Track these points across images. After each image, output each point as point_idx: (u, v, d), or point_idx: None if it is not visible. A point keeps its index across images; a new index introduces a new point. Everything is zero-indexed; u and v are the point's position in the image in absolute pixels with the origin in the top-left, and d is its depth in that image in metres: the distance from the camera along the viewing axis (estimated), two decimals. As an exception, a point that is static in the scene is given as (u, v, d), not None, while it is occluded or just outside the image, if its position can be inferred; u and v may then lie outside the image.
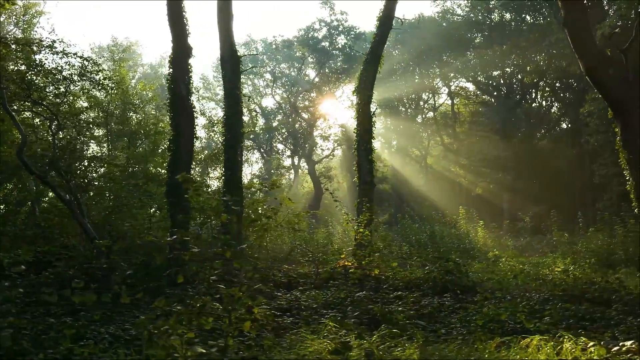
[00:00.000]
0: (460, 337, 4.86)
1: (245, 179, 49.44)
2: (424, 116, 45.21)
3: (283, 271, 10.32)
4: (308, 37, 36.33)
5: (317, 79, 39.62)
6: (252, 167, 48.54)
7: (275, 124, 46.25)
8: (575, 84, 32.99)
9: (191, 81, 10.18)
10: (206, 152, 22.87)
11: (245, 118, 47.37)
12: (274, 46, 40.54)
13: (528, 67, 35.72)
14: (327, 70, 37.90)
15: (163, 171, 15.29)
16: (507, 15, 34.02)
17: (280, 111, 41.69)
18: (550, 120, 38.07)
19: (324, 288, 9.20)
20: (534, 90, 37.55)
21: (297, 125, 44.08)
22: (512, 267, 12.74)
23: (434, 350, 3.95)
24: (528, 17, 34.98)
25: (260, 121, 47.07)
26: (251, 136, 46.83)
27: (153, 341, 3.24)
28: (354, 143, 12.37)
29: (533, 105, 38.30)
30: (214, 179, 20.38)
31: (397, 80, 40.10)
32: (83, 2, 64.10)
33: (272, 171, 46.86)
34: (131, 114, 17.18)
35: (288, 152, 45.91)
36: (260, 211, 13.28)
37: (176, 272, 4.28)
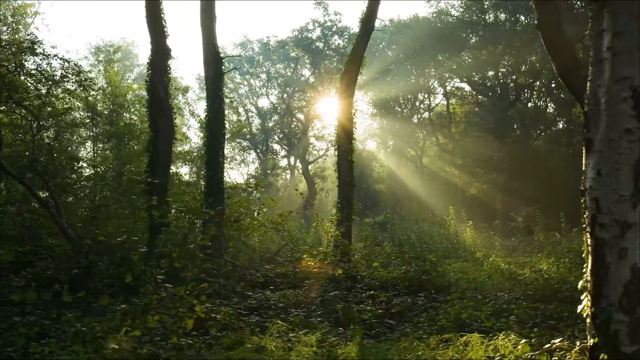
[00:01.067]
0: (405, 335, 4.94)
1: (242, 179, 49.55)
2: (419, 116, 45.27)
3: (261, 271, 10.40)
4: (302, 37, 36.39)
5: (312, 79, 39.67)
6: (248, 168, 48.62)
7: (271, 124, 46.33)
8: (568, 85, 33.03)
9: (170, 83, 10.27)
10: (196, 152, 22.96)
11: (242, 118, 47.52)
12: (269, 47, 40.58)
13: (522, 68, 35.79)
14: (322, 71, 37.95)
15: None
16: (502, 16, 34.03)
17: (277, 111, 41.72)
18: (546, 120, 38.11)
19: (300, 287, 9.28)
20: (528, 91, 37.60)
21: (293, 125, 44.20)
22: (494, 267, 12.81)
23: (372, 348, 4.03)
24: (522, 17, 35.04)
25: (256, 121, 47.20)
26: (247, 136, 46.97)
27: (79, 337, 3.33)
28: (334, 143, 12.44)
29: (529, 105, 38.37)
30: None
31: (393, 81, 40.16)
32: (80, 2, 64.18)
33: (269, 171, 46.93)
34: (123, 113, 17.26)
35: (283, 153, 45.92)
36: (243, 211, 13.46)
37: (125, 272, 4.37)
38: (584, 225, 3.45)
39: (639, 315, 3.20)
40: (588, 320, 3.43)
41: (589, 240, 3.42)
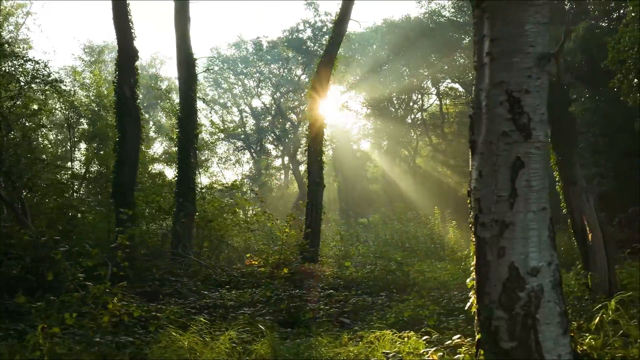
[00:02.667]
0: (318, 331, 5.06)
1: (237, 179, 49.61)
2: (413, 117, 45.37)
3: (227, 270, 10.50)
4: (293, 38, 36.50)
5: (306, 79, 39.77)
6: (243, 168, 48.74)
7: (266, 124, 46.41)
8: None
9: (137, 84, 10.38)
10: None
11: (236, 118, 47.50)
12: (262, 47, 40.69)
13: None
14: (314, 71, 37.98)
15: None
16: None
17: (269, 112, 41.82)
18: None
19: (262, 286, 9.38)
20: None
21: (288, 125, 44.31)
22: (468, 266, 12.90)
23: (281, 344, 4.13)
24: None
25: (251, 122, 47.30)
26: (242, 136, 47.10)
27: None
28: (309, 144, 12.53)
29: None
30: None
31: (386, 81, 40.25)
32: (75, 2, 64.32)
33: (263, 172, 47.05)
34: (104, 114, 17.36)
35: (276, 153, 45.99)
36: (217, 212, 13.57)
37: (47, 269, 4.47)
38: (470, 225, 3.55)
39: (517, 312, 3.30)
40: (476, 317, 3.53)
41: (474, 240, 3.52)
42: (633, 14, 15.24)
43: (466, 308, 3.58)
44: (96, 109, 17.45)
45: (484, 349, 3.42)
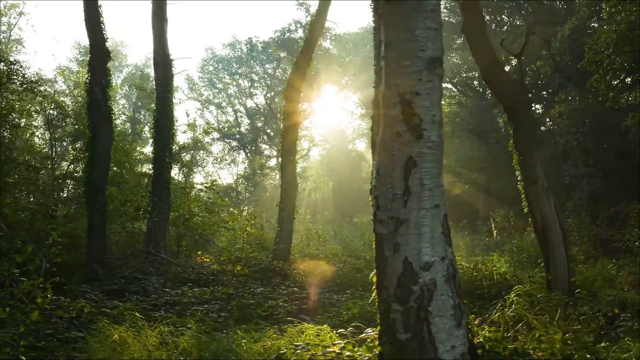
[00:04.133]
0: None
1: (231, 179, 49.80)
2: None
3: (197, 269, 10.65)
4: (285, 38, 36.66)
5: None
6: (238, 167, 48.90)
7: (260, 124, 46.59)
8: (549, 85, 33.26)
9: (109, 85, 10.53)
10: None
11: (230, 118, 47.61)
12: (256, 47, 40.84)
13: (506, 68, 35.98)
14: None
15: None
16: (486, 17, 34.21)
17: (260, 112, 41.95)
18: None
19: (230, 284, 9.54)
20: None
21: (281, 126, 44.55)
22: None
23: (205, 338, 4.28)
24: (505, 18, 35.20)
25: (245, 121, 47.48)
26: (237, 136, 47.28)
27: None
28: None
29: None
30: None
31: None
32: (70, 2, 64.44)
33: (258, 171, 47.16)
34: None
35: (269, 153, 46.13)
36: (194, 211, 13.72)
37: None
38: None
39: (411, 305, 3.44)
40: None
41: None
42: (610, 15, 15.38)
43: (369, 302, 3.72)
44: (78, 110, 17.64)
45: (383, 340, 3.57)
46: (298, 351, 3.70)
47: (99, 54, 10.28)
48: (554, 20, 27.76)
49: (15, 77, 11.07)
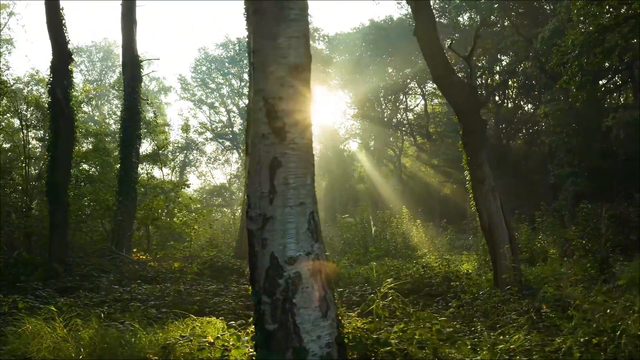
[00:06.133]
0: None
1: (225, 179, 49.91)
2: (400, 117, 45.66)
3: (156, 267, 10.86)
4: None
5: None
6: (231, 167, 49.14)
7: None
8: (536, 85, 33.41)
9: (71, 86, 10.76)
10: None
11: (223, 118, 47.79)
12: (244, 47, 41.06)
13: (495, 68, 36.20)
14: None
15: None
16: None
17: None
18: (521, 120, 38.47)
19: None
20: (501, 91, 37.94)
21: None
22: (413, 263, 13.23)
23: (105, 329, 4.50)
24: (493, 18, 35.31)
25: (239, 121, 47.69)
26: (229, 136, 47.51)
27: None
28: (246, 144, 12.87)
29: (503, 106, 38.71)
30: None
31: (372, 81, 40.56)
32: (65, 2, 64.73)
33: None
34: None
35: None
36: (160, 210, 13.94)
37: None
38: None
39: (278, 297, 3.65)
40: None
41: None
42: (578, 17, 15.55)
43: (250, 294, 3.93)
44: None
45: (255, 330, 3.79)
46: (180, 342, 3.92)
47: (60, 56, 10.50)
48: (539, 21, 27.93)
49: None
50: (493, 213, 9.26)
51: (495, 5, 31.19)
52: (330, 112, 44.44)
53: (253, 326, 4.40)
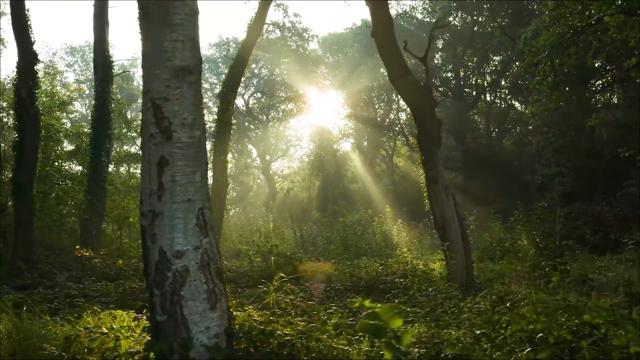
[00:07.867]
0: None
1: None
2: (392, 117, 45.80)
3: (119, 265, 11.01)
4: (261, 39, 36.99)
5: (277, 79, 40.23)
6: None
7: (246, 124, 46.93)
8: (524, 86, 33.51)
9: (37, 86, 10.92)
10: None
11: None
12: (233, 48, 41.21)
13: (485, 69, 36.34)
14: (284, 72, 38.55)
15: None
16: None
17: (239, 111, 42.31)
18: (512, 120, 38.61)
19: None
20: (490, 91, 38.07)
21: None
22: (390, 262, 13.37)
23: (15, 322, 4.67)
24: (482, 19, 35.42)
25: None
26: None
27: None
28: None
29: (493, 105, 38.85)
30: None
31: (364, 81, 40.71)
32: (55, 2, 65.12)
33: (245, 171, 47.52)
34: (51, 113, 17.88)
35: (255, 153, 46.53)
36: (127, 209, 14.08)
37: None
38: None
39: (167, 290, 3.81)
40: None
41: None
42: (551, 18, 15.68)
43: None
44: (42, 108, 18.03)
45: (149, 322, 3.95)
46: (81, 333, 4.08)
47: (25, 57, 10.67)
48: (523, 21, 28.04)
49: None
50: (446, 211, 9.41)
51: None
52: (323, 112, 44.64)
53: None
